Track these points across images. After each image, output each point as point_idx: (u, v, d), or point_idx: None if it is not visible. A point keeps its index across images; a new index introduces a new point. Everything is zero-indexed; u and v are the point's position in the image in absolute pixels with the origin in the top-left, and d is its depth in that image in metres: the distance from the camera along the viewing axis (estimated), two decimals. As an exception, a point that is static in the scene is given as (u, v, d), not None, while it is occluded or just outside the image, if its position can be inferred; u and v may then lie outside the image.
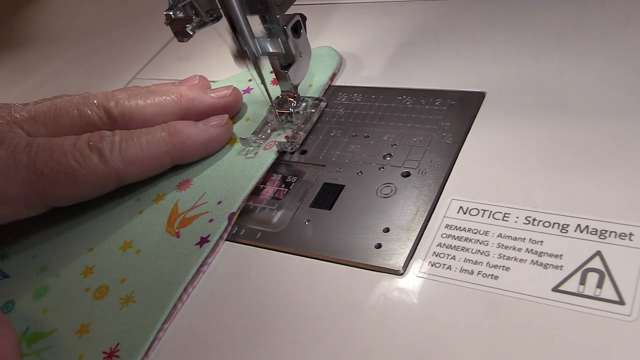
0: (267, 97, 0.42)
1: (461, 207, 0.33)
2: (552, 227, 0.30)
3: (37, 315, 0.37)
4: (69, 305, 0.37)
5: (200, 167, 0.41)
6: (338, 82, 0.46)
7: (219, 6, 0.39)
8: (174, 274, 0.35)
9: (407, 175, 0.36)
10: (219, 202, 0.38)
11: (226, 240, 0.37)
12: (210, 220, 0.37)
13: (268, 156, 0.40)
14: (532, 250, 0.30)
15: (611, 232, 0.29)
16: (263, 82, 0.40)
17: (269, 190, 0.39)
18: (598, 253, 0.29)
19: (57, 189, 0.37)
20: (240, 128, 0.44)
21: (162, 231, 0.38)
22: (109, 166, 0.38)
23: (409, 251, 0.32)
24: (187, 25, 0.39)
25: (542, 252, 0.30)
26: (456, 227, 0.32)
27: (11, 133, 0.38)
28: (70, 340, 0.35)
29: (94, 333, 0.34)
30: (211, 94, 0.43)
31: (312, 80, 0.46)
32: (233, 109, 0.44)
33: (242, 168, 0.40)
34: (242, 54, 0.39)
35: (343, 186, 0.37)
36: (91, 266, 0.38)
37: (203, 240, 0.36)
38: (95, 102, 0.41)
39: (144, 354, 0.32)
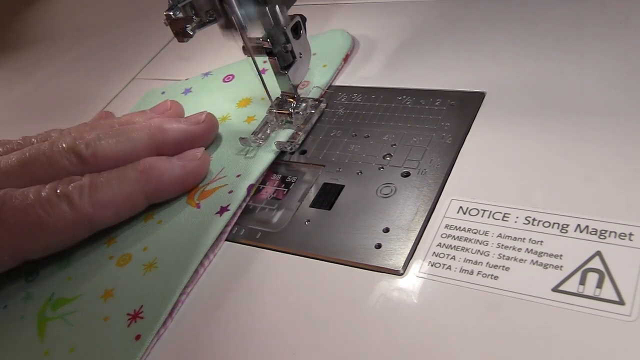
0: (267, 98, 0.42)
1: (461, 207, 0.33)
2: (552, 227, 0.30)
3: (61, 282, 0.38)
4: (93, 272, 0.38)
5: (216, 144, 0.43)
6: (338, 82, 0.46)
7: (219, 6, 0.39)
8: (195, 241, 0.36)
9: (407, 175, 0.36)
10: (238, 176, 0.39)
11: (226, 240, 0.37)
12: (230, 192, 0.38)
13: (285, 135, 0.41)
14: (532, 250, 0.30)
15: (611, 232, 0.29)
16: (260, 75, 0.41)
17: (269, 190, 0.39)
18: (598, 253, 0.29)
19: (26, 242, 0.36)
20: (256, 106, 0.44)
21: (183, 203, 0.39)
22: (78, 212, 0.36)
23: (408, 251, 0.32)
24: (187, 26, 0.39)
25: (542, 252, 0.30)
26: (456, 227, 0.32)
27: None
28: (95, 304, 0.36)
29: (118, 297, 0.35)
30: (184, 122, 0.42)
31: (326, 60, 0.46)
32: (208, 135, 0.43)
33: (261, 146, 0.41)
34: (229, 24, 0.39)
35: (343, 186, 0.37)
36: (113, 237, 0.39)
37: (223, 210, 0.37)
38: (63, 146, 0.39)
39: (167, 315, 0.33)
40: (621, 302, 0.27)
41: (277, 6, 0.38)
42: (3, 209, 0.35)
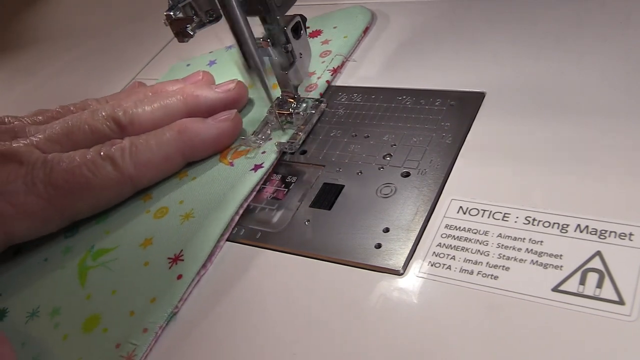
0: (268, 98, 0.42)
1: (461, 207, 0.33)
2: (552, 227, 0.30)
3: (100, 235, 0.40)
4: (131, 225, 0.39)
5: (247, 109, 0.45)
6: (338, 82, 0.46)
7: (219, 7, 0.39)
8: (230, 192, 0.38)
9: (407, 175, 0.36)
10: (270, 139, 0.42)
11: (226, 240, 0.37)
12: (263, 152, 0.41)
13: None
14: (532, 250, 0.30)
15: (611, 232, 0.29)
16: (265, 85, 0.41)
17: (269, 190, 0.39)
18: (598, 253, 0.29)
19: (74, 201, 0.39)
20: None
21: (216, 161, 0.41)
22: (122, 173, 0.39)
23: (408, 251, 0.32)
24: (187, 26, 0.39)
25: (542, 252, 0.30)
26: (456, 227, 0.32)
27: (29, 152, 0.39)
28: (134, 252, 0.37)
29: (158, 245, 0.37)
30: (216, 89, 0.44)
31: (347, 32, 0.48)
32: (239, 102, 0.45)
33: None
34: (248, 64, 0.40)
35: (343, 186, 0.37)
36: (149, 193, 0.41)
37: (257, 167, 0.39)
38: (103, 114, 0.41)
39: (206, 258, 0.35)
40: (621, 302, 0.27)
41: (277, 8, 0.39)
42: (52, 172, 0.38)
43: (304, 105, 0.43)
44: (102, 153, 0.39)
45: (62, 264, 0.39)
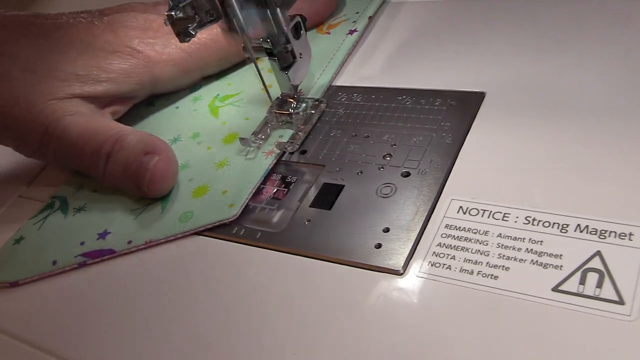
0: (267, 98, 0.42)
1: (461, 207, 0.33)
2: (552, 227, 0.30)
3: (223, 86, 0.48)
4: (250, 77, 0.47)
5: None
6: (338, 82, 0.46)
7: (219, 7, 0.39)
8: (333, 52, 0.47)
9: (407, 175, 0.36)
10: (357, 12, 0.50)
11: (226, 240, 0.37)
12: (354, 22, 0.49)
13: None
14: (531, 250, 0.30)
15: (611, 232, 0.29)
16: (262, 81, 0.41)
17: (269, 190, 0.39)
18: (598, 253, 0.29)
19: (208, 54, 0.47)
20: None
21: (314, 33, 0.49)
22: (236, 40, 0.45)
23: (408, 251, 0.32)
24: (188, 25, 0.39)
25: (542, 252, 0.30)
26: (456, 227, 0.32)
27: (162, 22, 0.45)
28: (258, 93, 0.44)
29: (279, 87, 0.42)
30: None
31: None
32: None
33: None
34: (230, 26, 0.41)
35: (343, 186, 0.37)
36: (259, 58, 0.46)
37: (352, 31, 0.48)
38: None
39: (327, 85, 0.44)
40: (621, 302, 0.27)
41: (277, 8, 0.39)
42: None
43: (304, 105, 0.43)
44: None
45: (193, 108, 0.47)
